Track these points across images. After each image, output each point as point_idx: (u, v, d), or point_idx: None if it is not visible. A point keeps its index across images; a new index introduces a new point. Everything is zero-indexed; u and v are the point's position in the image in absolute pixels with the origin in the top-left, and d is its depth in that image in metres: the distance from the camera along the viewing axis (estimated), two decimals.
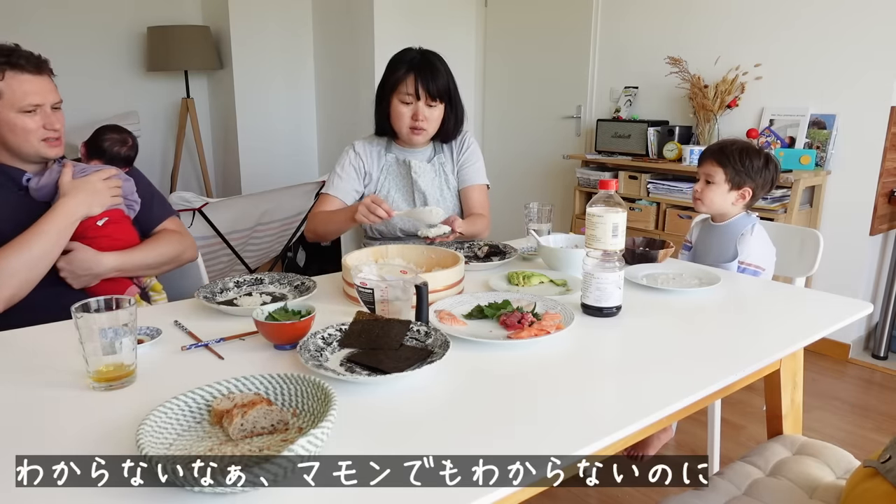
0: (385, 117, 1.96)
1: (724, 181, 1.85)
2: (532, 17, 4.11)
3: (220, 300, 1.38)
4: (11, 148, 1.48)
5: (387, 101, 1.93)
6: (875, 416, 2.53)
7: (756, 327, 1.28)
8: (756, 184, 1.85)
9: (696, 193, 1.91)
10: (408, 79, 1.87)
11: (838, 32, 2.87)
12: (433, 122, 1.93)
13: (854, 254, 2.96)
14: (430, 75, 1.87)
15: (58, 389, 0.98)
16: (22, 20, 3.68)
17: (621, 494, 2.01)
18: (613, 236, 1.31)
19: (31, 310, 1.38)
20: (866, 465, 1.04)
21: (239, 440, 0.83)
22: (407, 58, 1.90)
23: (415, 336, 1.13)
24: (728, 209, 1.89)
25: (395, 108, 1.91)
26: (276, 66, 4.39)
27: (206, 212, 2.67)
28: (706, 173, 1.88)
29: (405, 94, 1.88)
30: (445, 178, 2.04)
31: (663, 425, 1.06)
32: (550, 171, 4.16)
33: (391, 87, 1.91)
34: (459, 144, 2.07)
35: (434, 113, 1.92)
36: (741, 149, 1.85)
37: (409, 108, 1.90)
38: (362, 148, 2.01)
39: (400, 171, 2.01)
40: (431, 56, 1.92)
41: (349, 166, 1.99)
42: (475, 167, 2.07)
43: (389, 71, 1.92)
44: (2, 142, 1.48)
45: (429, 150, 2.05)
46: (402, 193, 2.00)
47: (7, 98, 1.42)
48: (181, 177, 4.37)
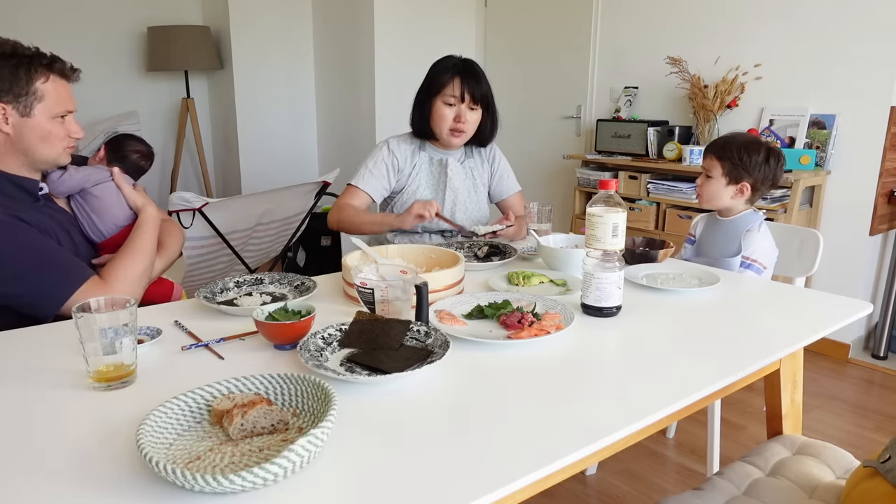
0: (426, 119, 2.03)
1: (720, 175, 1.84)
2: (532, 17, 4.11)
3: (220, 300, 1.38)
4: (35, 155, 1.43)
5: (429, 103, 2.01)
6: (875, 416, 2.53)
7: (756, 327, 1.28)
8: (755, 178, 1.83)
9: (698, 188, 1.92)
10: (453, 82, 1.96)
11: (838, 32, 2.87)
12: (472, 125, 2.02)
13: (854, 254, 2.96)
14: (474, 79, 1.97)
15: (58, 389, 0.98)
16: (22, 20, 3.68)
17: (621, 494, 2.01)
18: (613, 236, 1.30)
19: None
20: (866, 465, 1.04)
21: (239, 440, 0.83)
22: (451, 63, 2.00)
23: (415, 336, 1.13)
24: (730, 204, 1.87)
25: (438, 109, 1.99)
26: (276, 66, 4.39)
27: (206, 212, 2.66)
28: (706, 167, 1.89)
29: (450, 96, 1.97)
30: (474, 182, 2.12)
31: (663, 425, 1.06)
32: (550, 171, 4.16)
33: (436, 90, 1.99)
34: (490, 155, 2.18)
35: (474, 116, 2.01)
36: (742, 143, 1.84)
37: (452, 109, 1.98)
38: (396, 145, 2.08)
39: (432, 169, 2.08)
40: (473, 63, 2.02)
41: (382, 163, 2.06)
42: (511, 177, 2.20)
43: (433, 75, 2.01)
44: (26, 149, 1.42)
45: (460, 153, 2.13)
46: (433, 191, 2.08)
47: (47, 102, 1.39)
48: (181, 177, 4.37)
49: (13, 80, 1.34)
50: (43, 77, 1.38)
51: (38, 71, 1.37)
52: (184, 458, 0.79)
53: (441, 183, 2.06)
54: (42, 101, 1.38)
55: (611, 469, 2.13)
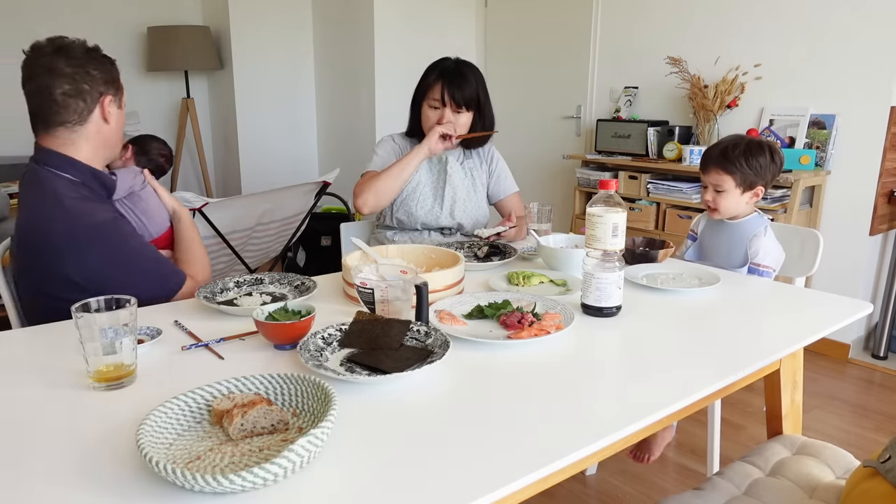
0: (417, 122, 2.06)
1: (734, 187, 1.79)
2: (532, 17, 4.11)
3: (220, 300, 1.38)
4: (115, 148, 1.46)
5: (418, 105, 2.03)
6: (875, 416, 2.53)
7: (756, 327, 1.28)
8: (766, 180, 1.81)
9: (710, 203, 1.84)
10: (436, 85, 1.97)
11: (838, 32, 2.88)
12: (460, 128, 2.01)
13: (854, 254, 2.96)
14: (458, 83, 1.96)
15: (58, 389, 0.98)
16: (23, 20, 3.68)
17: (621, 494, 2.01)
18: (613, 236, 1.30)
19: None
20: (866, 465, 1.04)
21: (239, 440, 0.83)
22: (440, 66, 2.01)
23: (415, 336, 1.13)
24: (743, 209, 1.85)
25: (424, 112, 2.02)
26: (276, 66, 4.39)
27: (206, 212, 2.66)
28: (714, 183, 1.81)
29: (433, 99, 1.98)
30: (473, 182, 2.12)
31: (663, 425, 1.06)
32: (550, 171, 4.16)
33: (422, 93, 2.02)
34: (488, 156, 2.18)
35: (461, 119, 2.00)
36: (744, 150, 1.79)
37: (436, 112, 1.99)
38: (400, 140, 2.12)
39: (431, 167, 2.09)
40: (463, 65, 2.01)
41: (391, 149, 2.09)
42: (509, 178, 2.19)
43: (422, 77, 2.03)
44: (115, 142, 1.44)
45: (459, 154, 2.13)
46: (432, 189, 2.07)
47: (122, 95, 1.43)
48: (181, 177, 4.37)
49: (112, 74, 1.40)
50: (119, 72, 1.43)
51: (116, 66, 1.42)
52: (184, 458, 0.79)
53: (441, 181, 2.06)
54: (124, 95, 1.44)
55: (611, 469, 2.13)
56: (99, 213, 1.36)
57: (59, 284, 1.33)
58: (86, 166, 1.40)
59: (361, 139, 4.32)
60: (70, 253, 1.31)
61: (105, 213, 1.38)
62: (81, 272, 1.32)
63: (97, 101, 1.37)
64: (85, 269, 1.32)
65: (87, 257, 1.32)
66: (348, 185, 4.31)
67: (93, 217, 1.34)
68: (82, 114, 1.36)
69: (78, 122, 1.37)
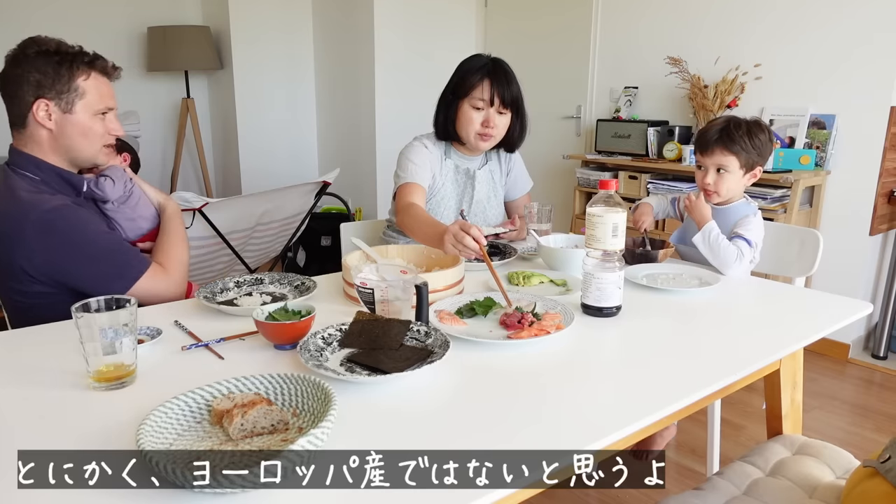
0: (451, 121, 1.92)
1: (738, 168, 1.75)
2: (532, 18, 4.11)
3: (221, 300, 1.38)
4: (75, 152, 1.44)
5: (456, 105, 1.90)
6: (875, 416, 2.53)
7: (756, 327, 1.28)
8: (765, 159, 1.78)
9: (710, 186, 1.77)
10: (483, 84, 1.85)
11: (838, 32, 2.87)
12: (500, 130, 1.92)
13: (854, 254, 2.96)
14: (505, 82, 1.86)
15: (58, 389, 0.98)
16: (23, 21, 3.68)
17: (621, 494, 2.01)
18: (613, 236, 1.30)
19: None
20: (866, 464, 1.04)
21: (239, 440, 0.83)
22: (479, 63, 1.88)
23: (415, 336, 1.13)
24: (738, 192, 1.80)
25: (465, 112, 1.88)
26: (276, 66, 4.39)
27: (206, 212, 2.66)
28: (718, 163, 1.75)
29: (478, 99, 1.85)
30: (494, 186, 2.07)
31: (663, 425, 1.06)
32: (550, 171, 4.16)
33: (464, 92, 1.87)
34: (507, 157, 2.11)
35: (503, 121, 1.91)
36: (747, 130, 1.74)
37: (480, 113, 1.87)
38: (431, 143, 1.97)
39: (458, 178, 2.00)
40: (504, 64, 1.90)
41: (423, 156, 1.93)
42: (522, 177, 2.15)
43: (461, 75, 1.89)
44: (67, 146, 1.43)
45: (481, 157, 2.06)
46: (457, 201, 2.01)
47: (88, 99, 1.41)
48: (181, 177, 4.37)
49: (56, 77, 1.37)
50: (84, 74, 1.40)
51: (80, 68, 1.40)
52: (184, 458, 0.79)
53: (467, 195, 2.01)
54: (83, 98, 1.41)
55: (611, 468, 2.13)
56: (52, 201, 1.36)
57: (15, 276, 1.35)
58: (50, 166, 1.41)
59: (361, 139, 4.32)
60: (19, 243, 1.32)
61: (58, 200, 1.37)
62: (30, 261, 1.33)
63: (29, 105, 1.37)
64: (33, 258, 1.33)
65: (34, 247, 1.32)
66: (348, 185, 4.33)
67: (44, 206, 1.34)
68: (19, 117, 1.39)
69: (20, 124, 1.40)
